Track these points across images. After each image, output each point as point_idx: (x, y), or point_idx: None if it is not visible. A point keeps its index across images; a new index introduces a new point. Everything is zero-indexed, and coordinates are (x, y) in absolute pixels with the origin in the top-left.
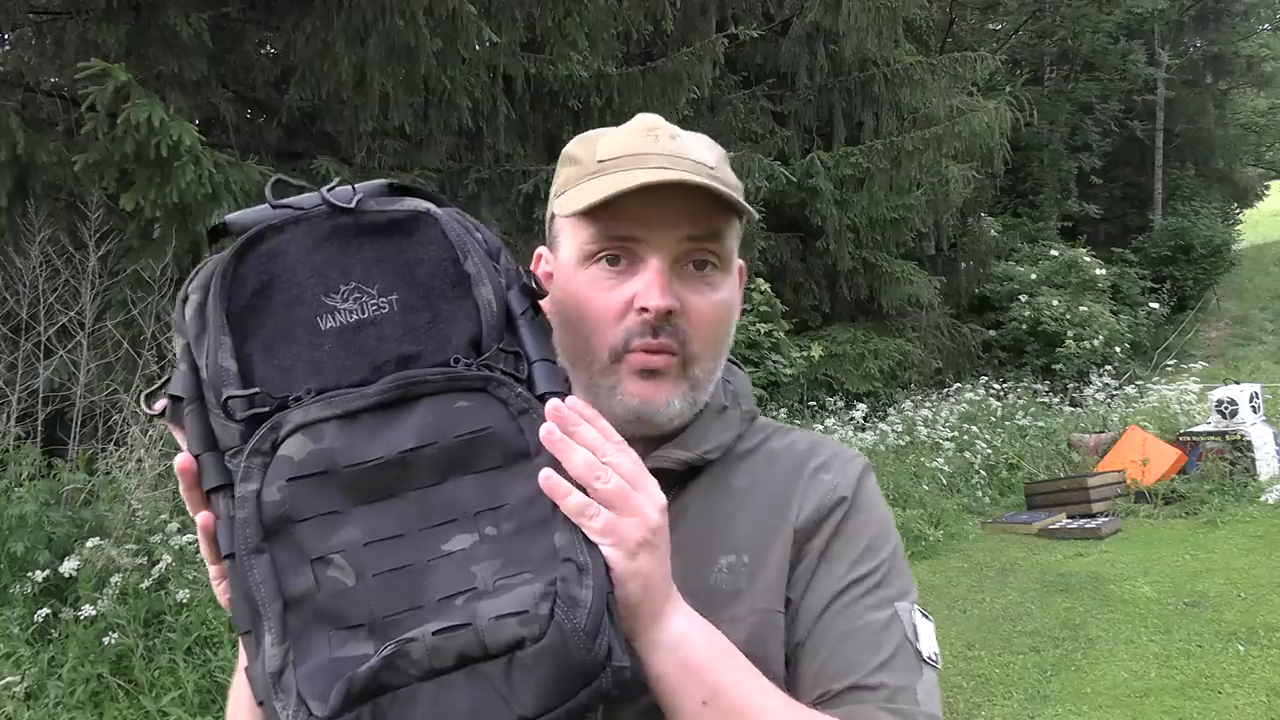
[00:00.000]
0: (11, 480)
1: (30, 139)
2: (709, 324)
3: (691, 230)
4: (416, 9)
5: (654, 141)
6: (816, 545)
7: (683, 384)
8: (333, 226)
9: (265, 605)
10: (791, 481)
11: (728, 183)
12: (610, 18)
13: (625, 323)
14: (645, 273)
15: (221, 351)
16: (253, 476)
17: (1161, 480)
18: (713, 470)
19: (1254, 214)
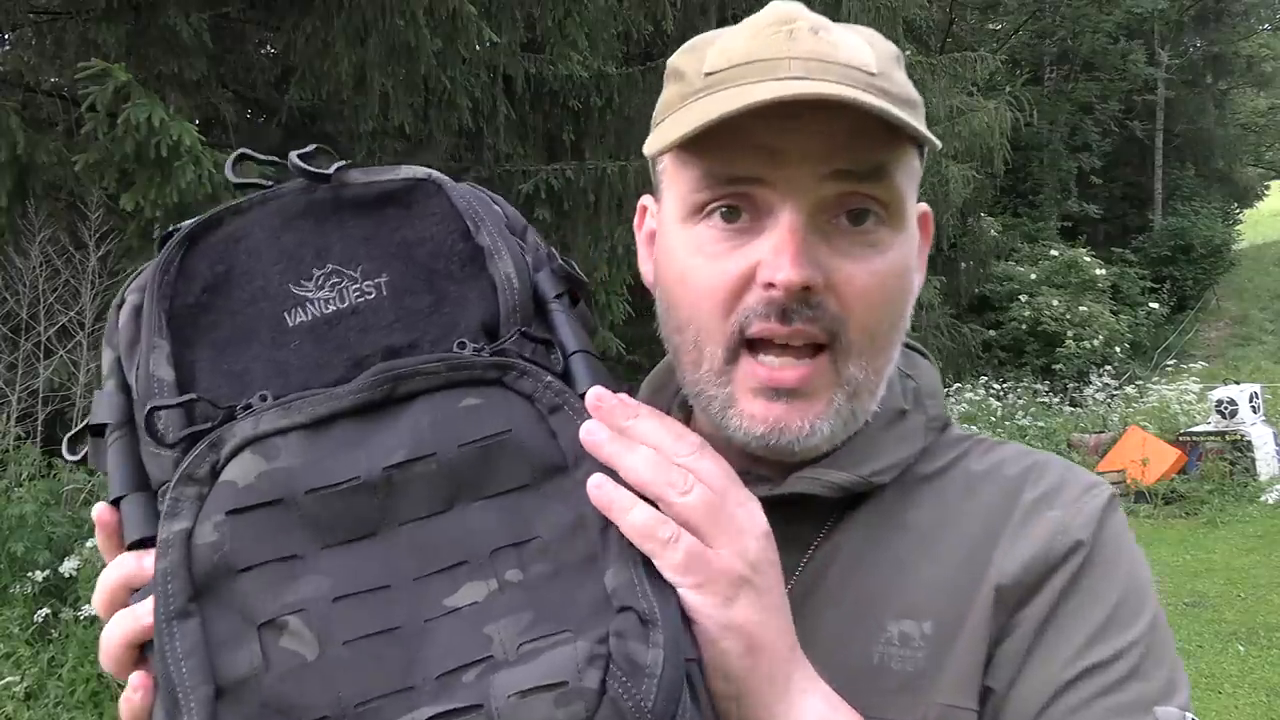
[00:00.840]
0: (11, 480)
1: (30, 139)
2: (871, 303)
3: (842, 164)
4: (416, 9)
5: (787, 40)
6: (1034, 614)
7: (835, 395)
8: (307, 202)
9: (188, 692)
10: (999, 519)
11: (898, 95)
12: (610, 18)
13: (744, 302)
14: (773, 231)
15: (155, 357)
16: (182, 512)
17: (1161, 480)
18: (883, 498)
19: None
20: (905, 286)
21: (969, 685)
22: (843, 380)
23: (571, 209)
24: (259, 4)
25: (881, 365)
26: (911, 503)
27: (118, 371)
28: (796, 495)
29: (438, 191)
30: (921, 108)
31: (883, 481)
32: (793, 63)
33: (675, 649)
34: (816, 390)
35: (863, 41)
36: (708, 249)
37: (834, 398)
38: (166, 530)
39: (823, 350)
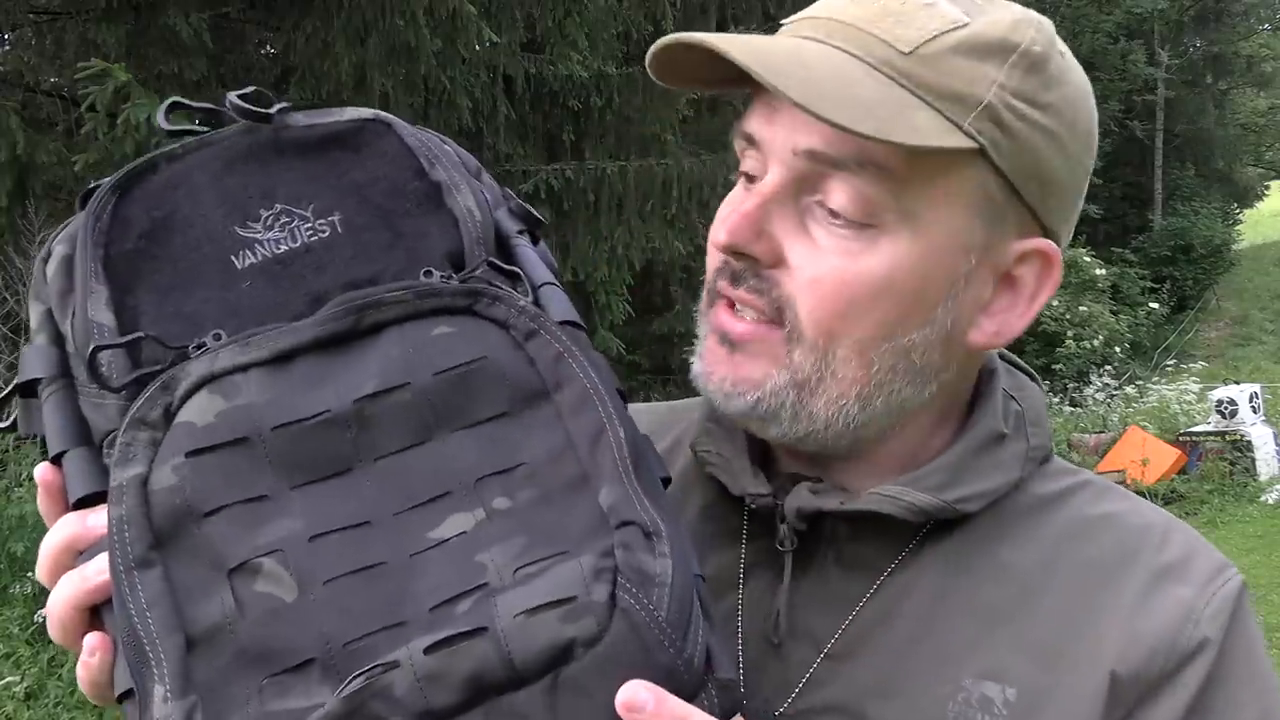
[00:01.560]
0: (11, 480)
1: (30, 139)
2: (827, 297)
3: (814, 144)
4: (416, 9)
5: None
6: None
7: (775, 372)
8: (249, 145)
9: (155, 643)
10: (1114, 580)
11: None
12: (610, 18)
13: (717, 259)
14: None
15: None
16: (135, 457)
17: (1161, 480)
18: (973, 530)
19: (1254, 214)
20: (893, 304)
21: None
22: (788, 364)
23: (571, 209)
24: (259, 4)
25: (847, 377)
26: (1008, 540)
27: (49, 324)
28: (865, 512)
29: (387, 131)
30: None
31: (969, 510)
32: (828, 22)
33: (683, 557)
34: (756, 354)
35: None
36: (725, 208)
37: (773, 374)
38: (119, 477)
39: (778, 326)
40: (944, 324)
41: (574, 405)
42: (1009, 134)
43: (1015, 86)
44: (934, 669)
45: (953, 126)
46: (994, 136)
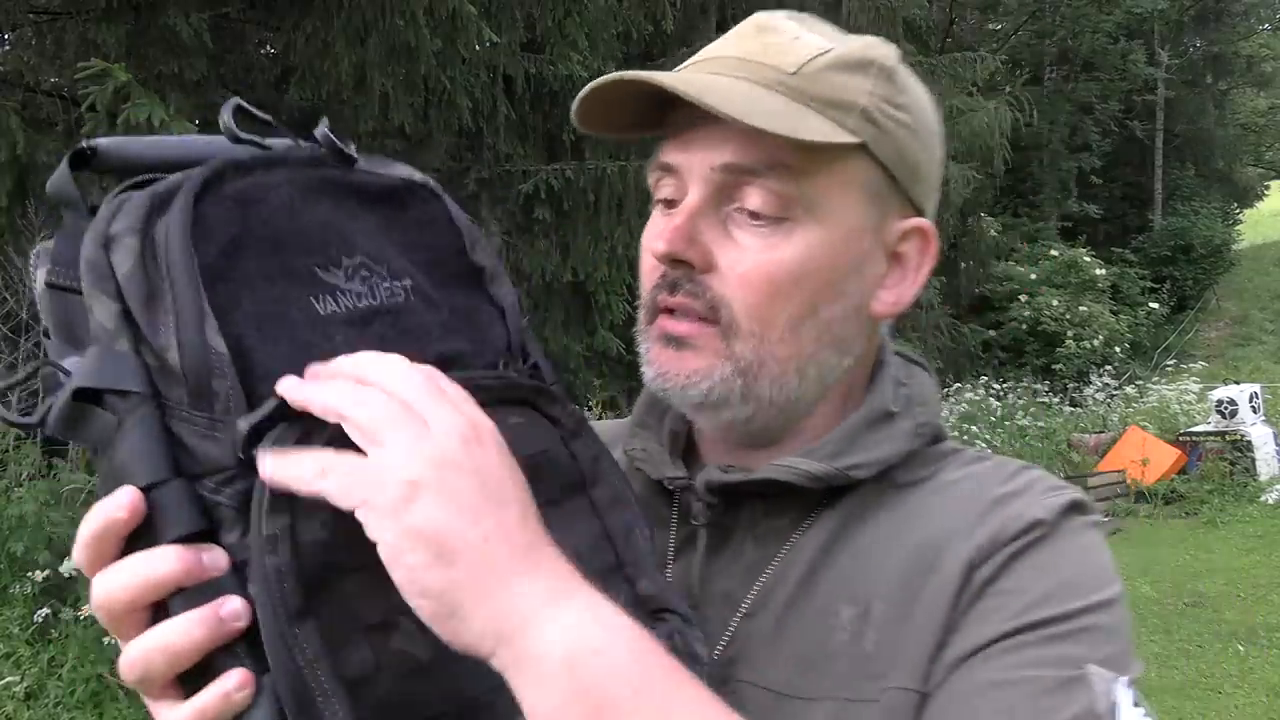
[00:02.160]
0: (11, 480)
1: (30, 139)
2: (756, 289)
3: (730, 158)
4: (416, 9)
5: (736, 42)
6: (983, 575)
7: (720, 363)
8: (320, 179)
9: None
10: (964, 514)
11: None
12: (610, 18)
13: (654, 276)
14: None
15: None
16: (282, 506)
17: (1161, 480)
18: (862, 496)
19: (1254, 214)
20: (811, 284)
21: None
22: (731, 354)
23: (571, 209)
24: (259, 4)
25: (785, 355)
26: (885, 504)
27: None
28: (777, 487)
29: (435, 199)
30: (858, 113)
31: (860, 477)
32: (720, 60)
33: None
34: (701, 349)
35: (814, 47)
36: (648, 231)
37: (719, 365)
38: (272, 526)
39: (711, 324)
40: (854, 297)
41: (608, 502)
42: (882, 131)
43: (882, 93)
44: (819, 605)
45: (839, 127)
46: (871, 133)
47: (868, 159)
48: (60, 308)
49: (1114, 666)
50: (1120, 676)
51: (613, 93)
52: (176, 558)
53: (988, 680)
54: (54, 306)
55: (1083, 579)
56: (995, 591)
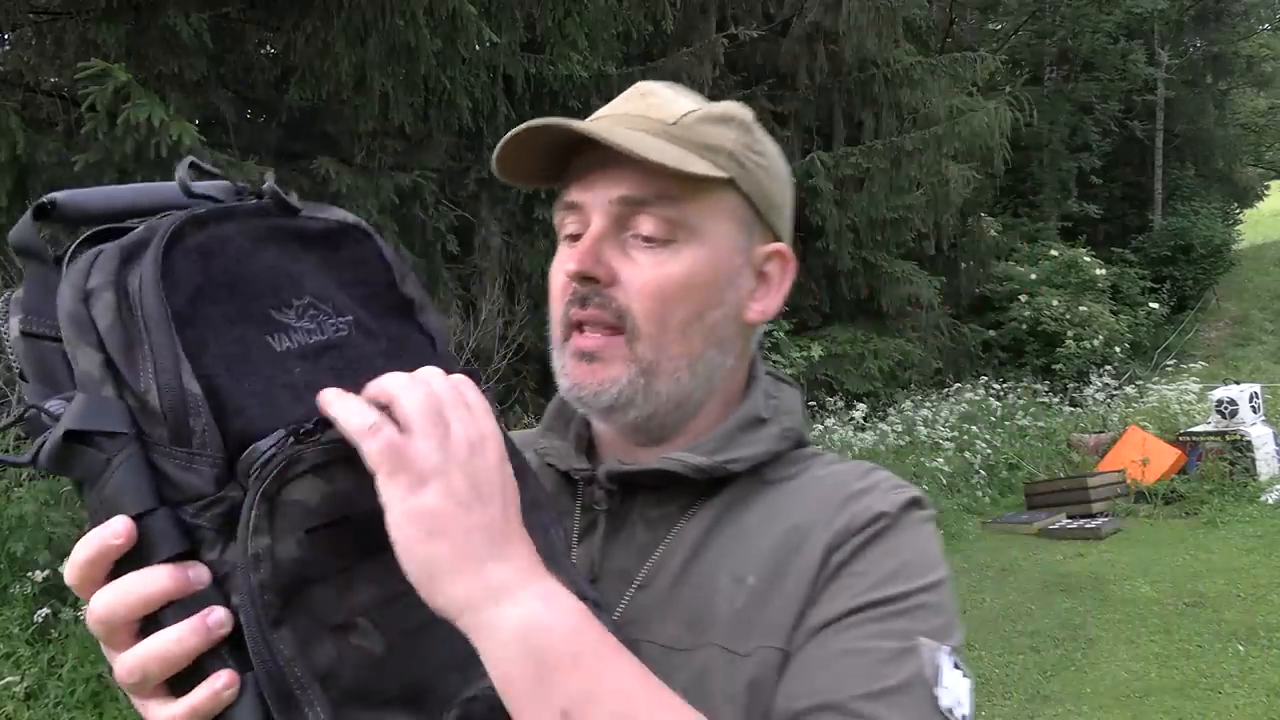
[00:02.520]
0: (11, 480)
1: (30, 139)
2: (652, 296)
3: (626, 191)
4: (416, 9)
5: (622, 104)
6: (838, 559)
7: (626, 367)
8: (268, 228)
9: (305, 688)
10: (825, 505)
11: (690, 140)
12: (610, 18)
13: (566, 295)
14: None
15: (184, 371)
16: (262, 529)
17: (1161, 480)
18: (737, 487)
19: (1254, 214)
20: (697, 293)
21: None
22: (635, 357)
23: None
24: (259, 4)
25: (678, 353)
26: (758, 495)
27: (111, 375)
28: (667, 477)
29: (367, 239)
30: (726, 155)
31: (736, 470)
32: (612, 117)
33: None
34: (611, 359)
35: (690, 105)
36: (557, 260)
37: (627, 370)
38: (255, 546)
39: (620, 333)
40: (731, 306)
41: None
42: (746, 170)
43: (743, 141)
44: (703, 576)
45: (713, 165)
46: (738, 171)
47: (735, 192)
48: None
49: (939, 637)
50: (944, 645)
51: (529, 139)
52: (168, 575)
53: (839, 649)
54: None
55: (917, 564)
56: (847, 573)
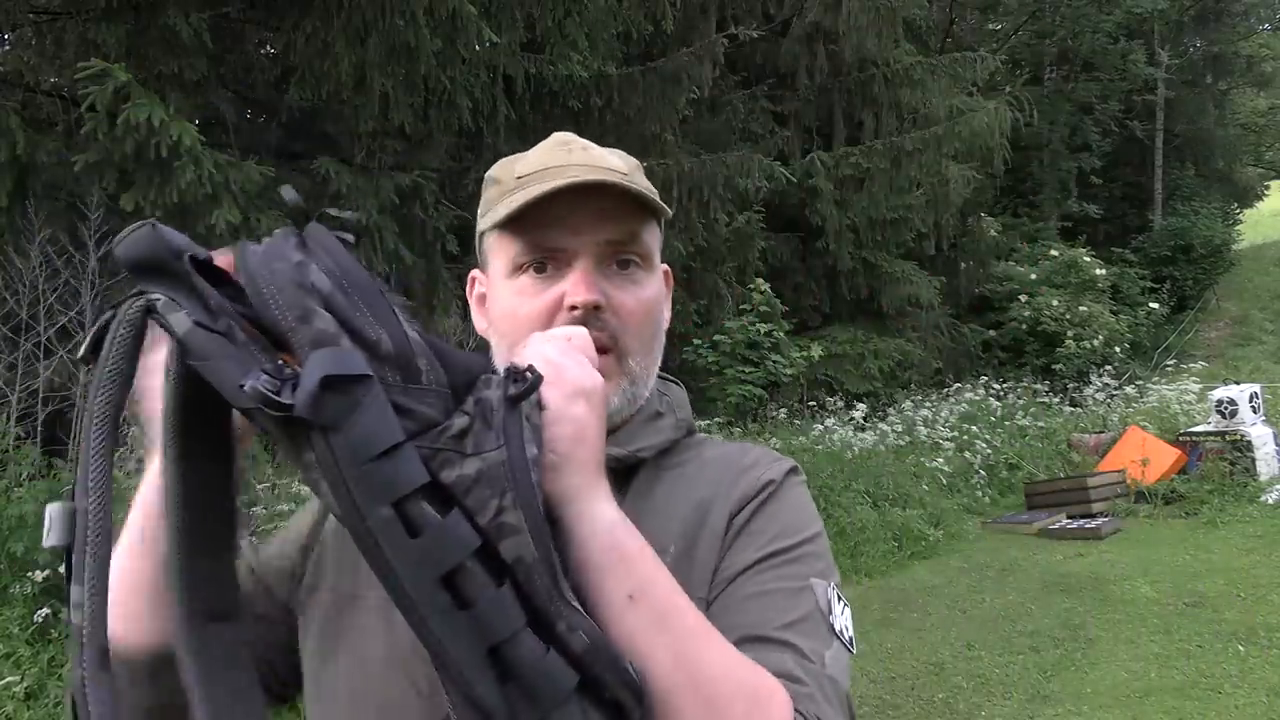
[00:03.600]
0: (11, 480)
1: (30, 139)
2: (638, 318)
3: (612, 234)
4: (416, 9)
5: (568, 154)
6: (739, 521)
7: (621, 380)
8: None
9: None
10: (721, 479)
11: (642, 187)
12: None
13: (556, 322)
14: (572, 274)
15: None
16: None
17: (1161, 480)
18: (645, 473)
19: (1254, 214)
20: (658, 311)
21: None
22: (626, 370)
23: None
24: (259, 4)
25: (650, 363)
26: (666, 474)
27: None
28: None
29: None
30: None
31: (645, 456)
32: (574, 168)
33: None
34: (609, 375)
35: (616, 156)
36: (527, 291)
37: (621, 381)
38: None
39: (609, 351)
40: (665, 316)
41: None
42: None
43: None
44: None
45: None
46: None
47: (658, 225)
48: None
49: (824, 577)
50: (829, 583)
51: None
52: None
53: (751, 592)
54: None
55: (800, 521)
56: (748, 531)
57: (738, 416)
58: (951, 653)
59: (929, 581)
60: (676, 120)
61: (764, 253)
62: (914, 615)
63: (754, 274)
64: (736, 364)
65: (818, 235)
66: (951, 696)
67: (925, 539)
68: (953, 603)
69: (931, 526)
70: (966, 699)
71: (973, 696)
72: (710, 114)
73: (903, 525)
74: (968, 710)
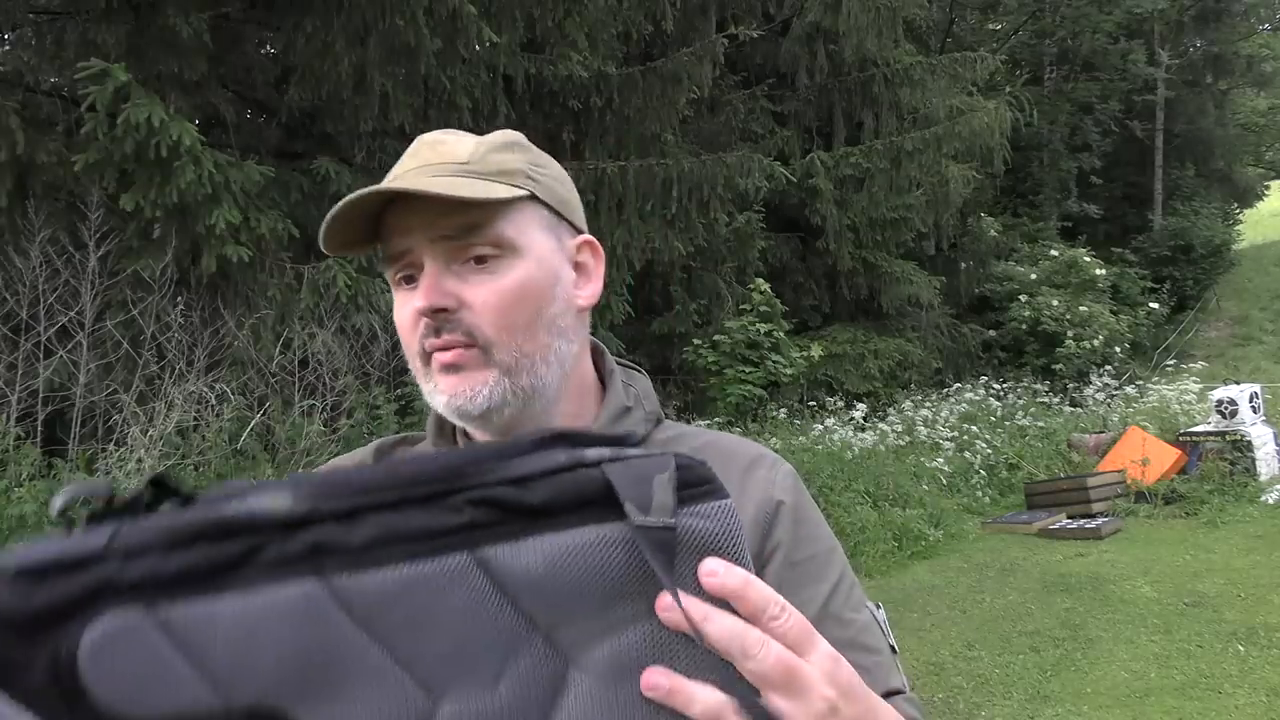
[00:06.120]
0: (11, 480)
1: (30, 139)
2: (496, 309)
3: (440, 231)
4: (416, 9)
5: (411, 157)
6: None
7: (489, 372)
8: None
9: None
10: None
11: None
12: (610, 18)
13: (419, 329)
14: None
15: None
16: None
17: (1161, 480)
18: None
19: (1254, 214)
20: (532, 295)
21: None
22: (494, 363)
23: None
24: (259, 4)
25: (531, 349)
26: None
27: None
28: None
29: None
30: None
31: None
32: (409, 172)
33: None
34: (472, 369)
35: (473, 141)
36: (400, 303)
37: (488, 375)
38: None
39: (473, 347)
40: (563, 299)
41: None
42: (538, 183)
43: (527, 159)
44: None
45: (512, 187)
46: (532, 187)
47: (536, 203)
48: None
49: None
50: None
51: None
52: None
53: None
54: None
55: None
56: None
57: (738, 416)
58: (951, 653)
59: (929, 581)
60: (676, 120)
61: (764, 253)
62: (914, 615)
63: (754, 274)
64: (736, 364)
65: (818, 235)
66: (951, 696)
67: (925, 539)
68: (953, 603)
69: (931, 526)
70: (966, 699)
71: (973, 696)
72: (710, 114)
73: (903, 525)
74: (968, 710)
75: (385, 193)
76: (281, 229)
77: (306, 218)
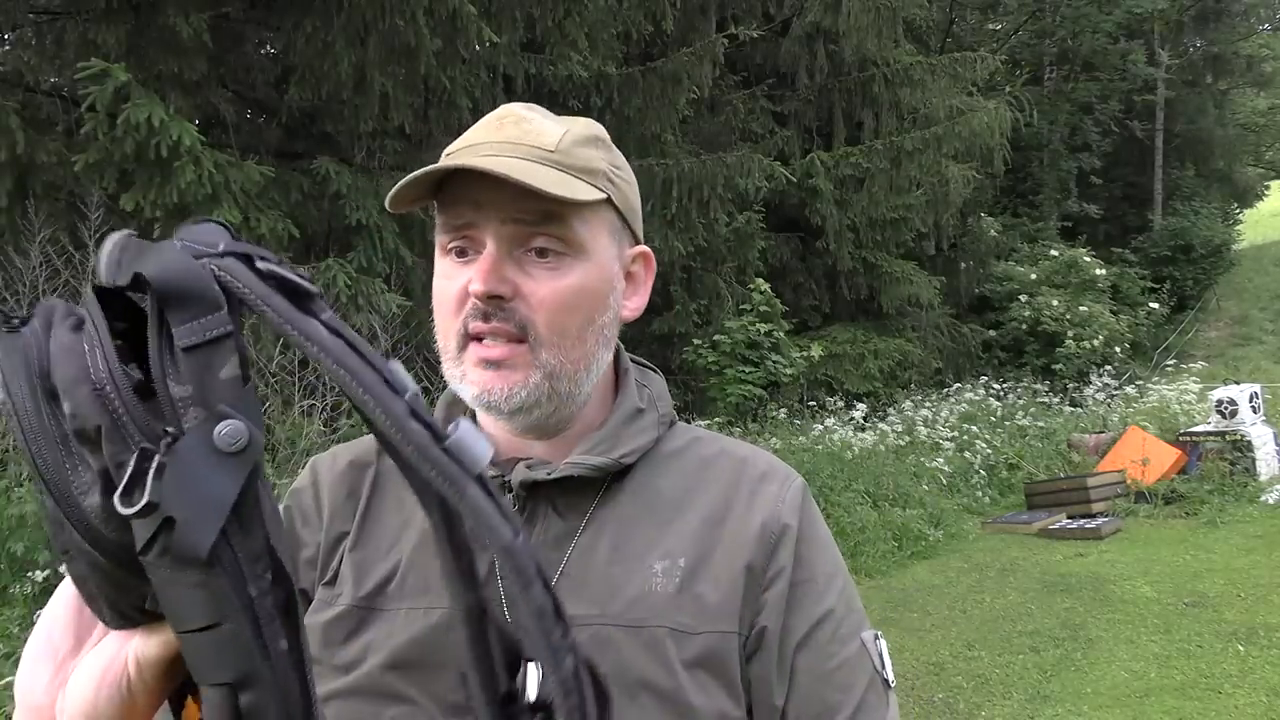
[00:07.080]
0: (11, 480)
1: (30, 139)
2: (552, 309)
3: (515, 214)
4: (416, 9)
5: (496, 129)
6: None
7: (532, 372)
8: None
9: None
10: (732, 488)
11: (571, 165)
12: (610, 18)
13: (465, 309)
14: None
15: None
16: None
17: (1161, 480)
18: (635, 475)
19: (1254, 214)
20: (588, 301)
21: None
22: (539, 363)
23: None
24: (259, 4)
25: (577, 356)
26: (660, 476)
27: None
28: (567, 478)
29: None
30: (602, 175)
31: (629, 461)
32: (491, 144)
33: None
34: (516, 366)
35: (560, 129)
36: (447, 275)
37: (530, 375)
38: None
39: (523, 342)
40: (613, 308)
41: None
42: (616, 187)
43: (609, 159)
44: (631, 564)
45: (593, 188)
46: (611, 190)
47: (609, 208)
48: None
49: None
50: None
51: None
52: None
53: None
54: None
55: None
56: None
57: (738, 416)
58: (951, 653)
59: (929, 581)
60: (676, 120)
61: (764, 253)
62: (914, 615)
63: (754, 274)
64: (736, 364)
65: (818, 235)
66: (951, 696)
67: (925, 539)
68: (953, 603)
69: (931, 526)
70: (966, 699)
71: (973, 696)
72: (710, 114)
73: (903, 525)
74: (968, 710)
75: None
76: (281, 229)
77: (306, 218)
